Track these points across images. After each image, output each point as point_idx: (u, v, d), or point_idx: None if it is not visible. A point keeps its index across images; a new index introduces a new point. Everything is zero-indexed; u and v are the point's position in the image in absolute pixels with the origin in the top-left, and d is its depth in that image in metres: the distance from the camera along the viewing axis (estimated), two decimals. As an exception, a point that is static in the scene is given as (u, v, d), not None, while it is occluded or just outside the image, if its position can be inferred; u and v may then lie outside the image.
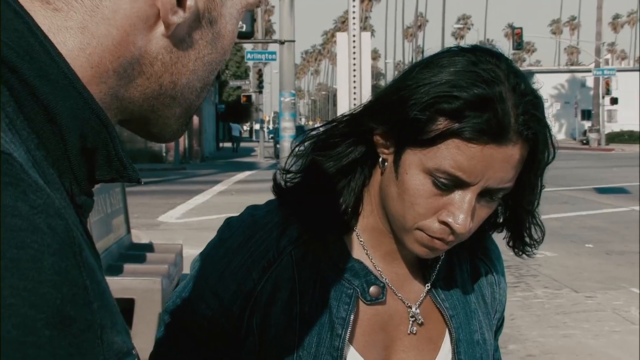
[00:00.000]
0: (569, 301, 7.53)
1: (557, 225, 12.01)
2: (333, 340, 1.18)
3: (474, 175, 1.09)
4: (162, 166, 29.96)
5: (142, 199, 15.35)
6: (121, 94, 0.69)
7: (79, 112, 0.63)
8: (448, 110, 1.08)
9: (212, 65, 0.74)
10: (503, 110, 1.07)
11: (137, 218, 11.99)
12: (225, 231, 1.27)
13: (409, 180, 1.13)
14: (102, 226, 5.38)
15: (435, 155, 1.10)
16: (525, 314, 6.98)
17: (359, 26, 10.81)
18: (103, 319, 0.57)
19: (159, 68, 0.70)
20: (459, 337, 1.25)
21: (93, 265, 0.58)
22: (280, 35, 15.57)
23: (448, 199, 1.12)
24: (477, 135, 1.07)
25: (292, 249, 1.22)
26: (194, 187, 19.69)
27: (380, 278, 1.24)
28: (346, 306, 1.20)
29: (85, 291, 0.55)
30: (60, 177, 0.62)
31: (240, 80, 58.27)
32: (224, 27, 0.73)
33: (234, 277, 1.22)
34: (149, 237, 8.93)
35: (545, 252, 9.86)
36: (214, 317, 1.24)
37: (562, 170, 23.83)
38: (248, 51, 25.16)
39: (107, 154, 0.67)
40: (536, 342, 6.15)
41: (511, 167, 1.11)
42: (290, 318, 1.19)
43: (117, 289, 5.05)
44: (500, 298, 1.37)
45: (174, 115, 0.74)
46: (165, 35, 0.68)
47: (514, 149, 1.10)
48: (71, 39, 0.64)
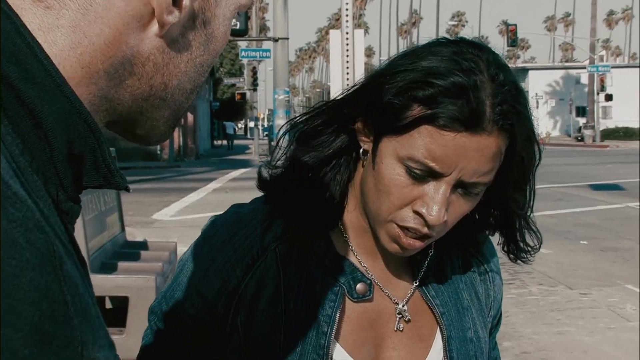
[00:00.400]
0: (563, 298, 7.54)
1: (551, 222, 12.02)
2: (319, 338, 1.17)
3: (446, 165, 1.07)
4: (157, 164, 29.92)
5: (136, 197, 15.33)
6: (111, 95, 0.67)
7: (66, 116, 0.61)
8: (422, 97, 1.06)
9: (203, 67, 0.73)
10: (478, 98, 1.05)
11: (131, 216, 11.97)
12: (209, 229, 1.26)
13: (384, 170, 1.11)
14: (96, 224, 5.36)
15: (409, 143, 1.08)
16: (520, 311, 6.98)
17: (352, 23, 10.81)
18: (84, 334, 0.55)
19: (150, 69, 0.68)
20: (451, 334, 1.23)
21: (75, 278, 0.57)
22: (274, 32, 15.56)
23: (422, 189, 1.09)
24: (450, 123, 1.05)
25: (277, 245, 1.20)
26: (188, 184, 19.67)
27: (366, 275, 1.22)
28: (332, 303, 1.18)
29: (66, 307, 0.54)
30: (46, 183, 0.60)
31: (235, 78, 58.19)
32: (217, 28, 0.72)
33: (217, 274, 1.21)
34: (144, 235, 8.92)
35: (540, 249, 9.86)
36: (199, 316, 1.22)
37: (556, 167, 23.87)
38: (242, 49, 25.15)
39: (95, 160, 0.65)
40: (531, 339, 6.16)
41: (486, 158, 1.07)
42: (275, 315, 1.18)
43: (111, 286, 5.04)
44: (495, 295, 1.35)
45: (162, 117, 0.73)
46: (159, 35, 0.67)
47: (489, 140, 1.06)
48: (62, 38, 0.63)
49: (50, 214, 0.58)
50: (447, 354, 1.23)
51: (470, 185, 1.10)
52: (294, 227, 1.21)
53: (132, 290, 4.92)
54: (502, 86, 1.08)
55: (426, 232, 1.11)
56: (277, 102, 15.38)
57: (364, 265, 1.23)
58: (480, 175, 1.09)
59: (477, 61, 1.08)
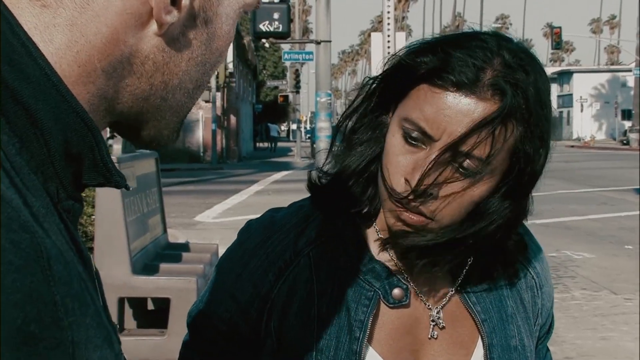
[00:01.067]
0: (607, 303, 7.42)
1: (595, 226, 11.84)
2: (351, 343, 1.15)
3: (436, 127, 1.06)
4: (200, 166, 30.16)
5: (179, 199, 15.46)
6: (110, 95, 0.67)
7: (62, 115, 0.61)
8: (426, 59, 1.08)
9: (206, 66, 0.72)
10: (477, 64, 1.05)
11: (174, 218, 12.08)
12: (244, 233, 1.26)
13: (389, 141, 1.12)
14: (138, 226, 5.42)
15: (408, 105, 1.10)
16: (563, 316, 6.89)
17: (393, 26, 10.79)
18: (76, 335, 0.54)
19: (150, 67, 0.67)
20: (492, 342, 1.20)
21: (69, 277, 0.56)
22: (316, 35, 15.57)
23: (415, 158, 1.08)
24: (442, 80, 1.06)
25: (310, 249, 1.19)
26: (230, 186, 19.77)
27: (403, 279, 1.19)
28: (365, 308, 1.16)
29: (55, 307, 0.53)
30: (45, 182, 0.60)
31: (278, 81, 58.39)
32: (219, 27, 0.71)
33: (250, 278, 1.21)
34: (186, 237, 9.00)
35: (584, 254, 9.74)
36: (232, 320, 1.22)
37: (600, 171, 23.50)
38: (285, 51, 25.20)
39: (93, 158, 0.65)
40: (574, 345, 6.08)
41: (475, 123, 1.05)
42: (308, 320, 1.17)
43: (153, 288, 5.10)
44: (544, 303, 1.30)
45: (164, 119, 0.72)
46: (158, 34, 0.66)
47: (481, 105, 1.05)
48: (59, 37, 0.62)
49: (48, 213, 0.57)
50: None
51: (465, 156, 1.06)
52: (328, 231, 1.19)
53: (173, 291, 4.97)
54: (509, 66, 1.07)
55: (415, 204, 1.08)
56: (319, 104, 15.39)
57: (400, 268, 1.20)
58: (472, 146, 1.05)
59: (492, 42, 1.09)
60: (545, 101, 1.10)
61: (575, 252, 9.87)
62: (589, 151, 44.20)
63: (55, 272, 0.54)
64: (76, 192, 0.64)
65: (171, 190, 15.98)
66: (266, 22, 13.92)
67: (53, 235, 0.56)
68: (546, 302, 1.31)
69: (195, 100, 0.74)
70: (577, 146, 51.54)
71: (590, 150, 46.03)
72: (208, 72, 0.73)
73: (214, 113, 32.10)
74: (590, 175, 22.00)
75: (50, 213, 0.58)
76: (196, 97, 0.74)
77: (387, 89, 1.16)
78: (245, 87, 44.72)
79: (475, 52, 1.07)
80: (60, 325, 0.53)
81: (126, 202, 5.09)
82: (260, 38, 15.51)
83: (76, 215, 0.65)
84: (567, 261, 9.37)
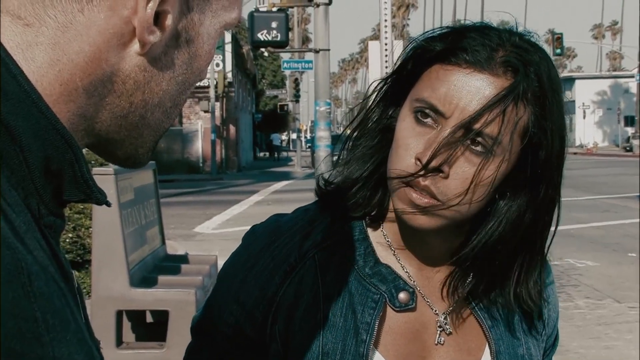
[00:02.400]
0: (611, 312, 7.39)
1: (598, 234, 11.81)
2: (358, 346, 1.14)
3: (447, 103, 1.07)
4: (199, 177, 30.20)
5: (178, 210, 15.45)
6: (90, 114, 0.67)
7: (42, 131, 0.61)
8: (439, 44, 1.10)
9: (185, 85, 0.73)
10: (490, 45, 1.07)
11: (173, 229, 12.05)
12: (249, 237, 1.26)
13: (399, 126, 1.12)
14: (136, 237, 5.39)
15: (418, 87, 1.11)
16: (566, 325, 6.84)
17: (391, 34, 10.78)
18: (57, 351, 0.55)
19: (130, 86, 0.68)
20: (499, 349, 1.18)
21: (50, 293, 0.56)
22: (315, 44, 15.57)
23: (427, 137, 1.08)
24: (455, 57, 1.07)
25: (316, 252, 1.18)
26: (230, 197, 19.77)
27: (409, 283, 1.18)
28: (371, 311, 1.15)
29: (36, 323, 0.53)
30: (26, 198, 0.60)
31: (277, 90, 58.57)
32: (200, 47, 0.72)
33: (256, 282, 1.19)
34: (185, 248, 8.97)
35: (587, 262, 9.70)
36: (237, 324, 1.21)
37: (604, 178, 23.49)
38: (284, 60, 25.26)
39: (73, 175, 0.65)
40: (577, 354, 6.04)
41: (489, 100, 1.05)
42: (313, 323, 1.15)
43: (152, 300, 5.06)
44: (550, 314, 1.29)
45: (141, 137, 0.73)
46: (140, 54, 0.67)
47: (494, 81, 1.06)
48: (40, 55, 0.63)
49: (29, 229, 0.58)
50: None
51: (476, 135, 1.06)
52: (334, 234, 1.19)
53: (172, 304, 4.93)
54: (520, 47, 1.09)
55: (425, 184, 1.07)
56: (318, 114, 15.37)
57: (407, 272, 1.19)
58: (484, 122, 1.05)
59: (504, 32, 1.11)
60: (557, 88, 1.11)
61: (578, 260, 9.83)
62: (592, 158, 44.22)
63: (36, 288, 0.54)
64: (57, 208, 0.65)
65: (170, 202, 15.97)
66: (264, 31, 13.91)
67: (34, 251, 0.57)
68: (552, 313, 1.30)
69: (172, 120, 0.75)
70: (580, 153, 51.57)
71: (593, 157, 46.05)
72: (186, 91, 0.74)
73: (213, 123, 32.16)
74: (594, 183, 21.97)
75: (31, 229, 0.58)
76: (173, 116, 0.75)
77: (399, 83, 1.16)
78: (244, 97, 44.79)
79: (488, 34, 1.09)
80: (42, 341, 0.53)
81: (124, 214, 5.06)
82: (259, 47, 15.53)
83: (58, 231, 0.65)
84: (570, 269, 9.33)
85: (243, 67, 41.68)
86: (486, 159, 1.07)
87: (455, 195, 1.08)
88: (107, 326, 4.97)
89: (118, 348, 5.06)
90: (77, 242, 7.28)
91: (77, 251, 7.29)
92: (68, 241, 7.20)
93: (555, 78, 1.11)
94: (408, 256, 1.20)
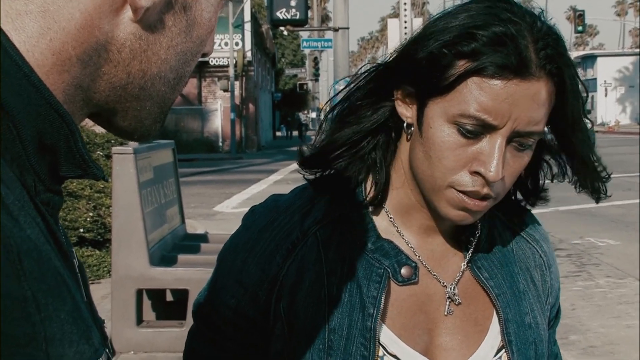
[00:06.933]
0: (632, 290, 7.33)
1: (619, 213, 11.72)
2: (365, 320, 1.13)
3: (500, 116, 1.05)
4: (219, 156, 30.25)
5: (198, 189, 15.50)
6: (86, 84, 0.65)
7: (35, 107, 0.59)
8: (466, 50, 1.05)
9: (186, 55, 0.71)
10: (522, 44, 1.05)
11: (193, 208, 12.10)
12: (248, 218, 1.25)
13: (434, 134, 1.09)
14: (156, 217, 5.41)
15: (458, 100, 1.07)
16: (587, 304, 6.81)
17: (410, 12, 10.69)
18: (49, 330, 0.53)
19: (126, 55, 0.66)
20: (508, 317, 1.18)
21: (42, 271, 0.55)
22: (334, 22, 15.50)
23: (477, 148, 1.07)
24: (499, 71, 1.04)
25: (317, 229, 1.18)
26: (250, 176, 19.80)
27: (412, 257, 1.18)
28: (377, 285, 1.14)
29: (25, 303, 0.52)
30: (22, 174, 0.59)
31: (297, 69, 58.43)
32: (199, 14, 0.69)
33: (257, 262, 1.19)
34: (205, 227, 9.01)
35: (608, 240, 9.63)
36: (239, 306, 1.20)
37: (625, 156, 23.29)
38: (303, 39, 25.18)
39: (69, 149, 0.63)
40: (598, 333, 6.00)
41: (538, 105, 1.06)
42: (318, 301, 1.15)
43: (171, 279, 5.08)
44: (552, 283, 1.29)
45: (144, 109, 0.70)
46: (134, 20, 0.64)
47: (538, 85, 1.06)
48: (31, 24, 0.60)
49: (23, 206, 0.57)
50: (505, 337, 1.18)
51: (526, 135, 1.08)
52: (334, 211, 1.18)
53: (192, 282, 4.94)
54: (541, 32, 1.07)
55: (487, 192, 1.09)
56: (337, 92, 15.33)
57: (410, 247, 1.19)
58: (534, 124, 1.07)
59: (512, 10, 1.08)
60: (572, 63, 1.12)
61: (599, 239, 9.76)
62: (614, 136, 43.84)
63: (26, 266, 0.53)
64: (54, 184, 0.64)
65: (190, 181, 16.02)
66: (283, 9, 13.85)
67: (28, 228, 0.55)
68: (554, 282, 1.31)
69: (177, 92, 0.73)
70: (601, 131, 51.13)
71: (614, 136, 45.63)
72: (189, 62, 0.72)
73: (233, 102, 32.16)
74: (615, 161, 21.78)
75: (26, 206, 0.57)
76: (179, 89, 0.72)
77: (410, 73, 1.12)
78: (263, 76, 44.72)
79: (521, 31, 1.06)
80: (32, 320, 0.52)
81: (143, 194, 5.07)
82: (278, 26, 15.50)
83: (56, 207, 0.64)
84: (591, 248, 9.27)
85: (262, 46, 41.58)
86: (530, 152, 1.11)
87: (507, 189, 1.12)
88: (127, 305, 5.00)
89: (139, 326, 5.10)
90: (98, 221, 7.33)
91: (97, 230, 7.34)
92: (89, 220, 7.25)
93: (568, 56, 1.12)
94: (411, 230, 1.20)
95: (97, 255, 7.23)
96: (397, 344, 1.15)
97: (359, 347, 1.13)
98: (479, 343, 1.18)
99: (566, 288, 7.01)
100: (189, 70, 0.72)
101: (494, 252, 1.23)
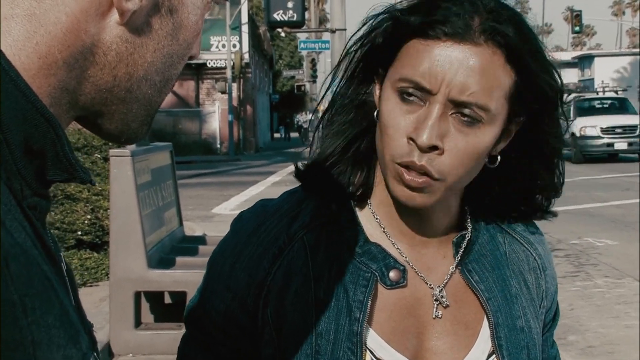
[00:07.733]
0: (631, 291, 7.33)
1: (618, 213, 11.73)
2: (352, 324, 1.12)
3: (433, 79, 1.05)
4: (217, 158, 30.24)
5: (196, 191, 15.49)
6: (72, 87, 0.65)
7: (22, 111, 0.59)
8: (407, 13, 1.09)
9: (172, 58, 0.71)
10: (466, 10, 1.06)
11: (191, 210, 12.09)
12: (236, 223, 1.24)
13: (384, 106, 1.11)
14: (154, 219, 5.40)
15: (398, 65, 1.10)
16: (585, 304, 6.81)
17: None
18: (37, 334, 0.54)
19: (112, 58, 0.66)
20: (498, 321, 1.17)
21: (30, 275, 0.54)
22: (331, 24, 15.50)
23: (415, 116, 1.07)
24: (433, 31, 1.06)
25: (304, 234, 1.17)
26: (248, 178, 19.79)
27: (401, 260, 1.17)
28: (363, 289, 1.14)
29: (13, 307, 0.52)
30: (8, 179, 0.59)
31: (294, 70, 58.43)
32: (185, 17, 0.70)
33: (245, 267, 1.18)
34: (203, 229, 8.99)
35: (606, 241, 9.63)
36: (229, 311, 1.20)
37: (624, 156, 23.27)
38: (301, 40, 25.20)
39: (56, 153, 0.63)
40: (597, 333, 6.01)
41: (475, 72, 1.05)
42: (305, 305, 1.14)
43: (169, 282, 5.08)
44: (548, 286, 1.27)
45: (130, 111, 0.71)
46: (120, 24, 0.65)
47: (477, 51, 1.05)
48: (17, 28, 0.61)
49: (10, 210, 0.56)
50: (495, 342, 1.16)
51: (462, 105, 1.06)
52: (322, 215, 1.18)
53: (190, 285, 4.93)
54: (488, 5, 1.08)
55: (422, 164, 1.07)
56: (335, 94, 15.34)
57: (399, 249, 1.18)
58: (471, 93, 1.05)
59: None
60: (534, 42, 1.11)
61: (597, 239, 9.77)
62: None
63: (13, 271, 0.53)
64: (41, 188, 0.64)
65: (188, 183, 16.01)
66: (280, 11, 13.86)
67: (15, 233, 0.55)
68: (550, 285, 1.29)
69: (164, 95, 0.73)
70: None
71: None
72: (175, 65, 0.72)
73: (230, 104, 32.16)
74: (613, 161, 21.79)
75: (13, 210, 0.57)
76: (165, 91, 0.73)
77: (372, 56, 1.15)
78: (261, 78, 44.71)
79: (461, 2, 1.08)
80: (19, 324, 0.53)
81: (141, 196, 5.07)
82: (275, 28, 15.50)
83: (43, 212, 0.64)
84: (590, 248, 9.27)
85: (260, 48, 41.58)
86: (477, 128, 1.08)
87: (452, 169, 1.08)
88: (125, 307, 5.00)
89: (137, 329, 5.10)
90: (96, 223, 7.32)
91: (95, 232, 7.33)
92: (87, 223, 7.24)
93: (529, 33, 1.10)
94: (399, 232, 1.19)
95: (95, 257, 7.22)
96: (385, 349, 1.14)
97: (346, 351, 1.12)
98: (470, 347, 1.17)
99: (564, 288, 7.01)
100: (175, 73, 0.73)
101: (486, 255, 1.22)
